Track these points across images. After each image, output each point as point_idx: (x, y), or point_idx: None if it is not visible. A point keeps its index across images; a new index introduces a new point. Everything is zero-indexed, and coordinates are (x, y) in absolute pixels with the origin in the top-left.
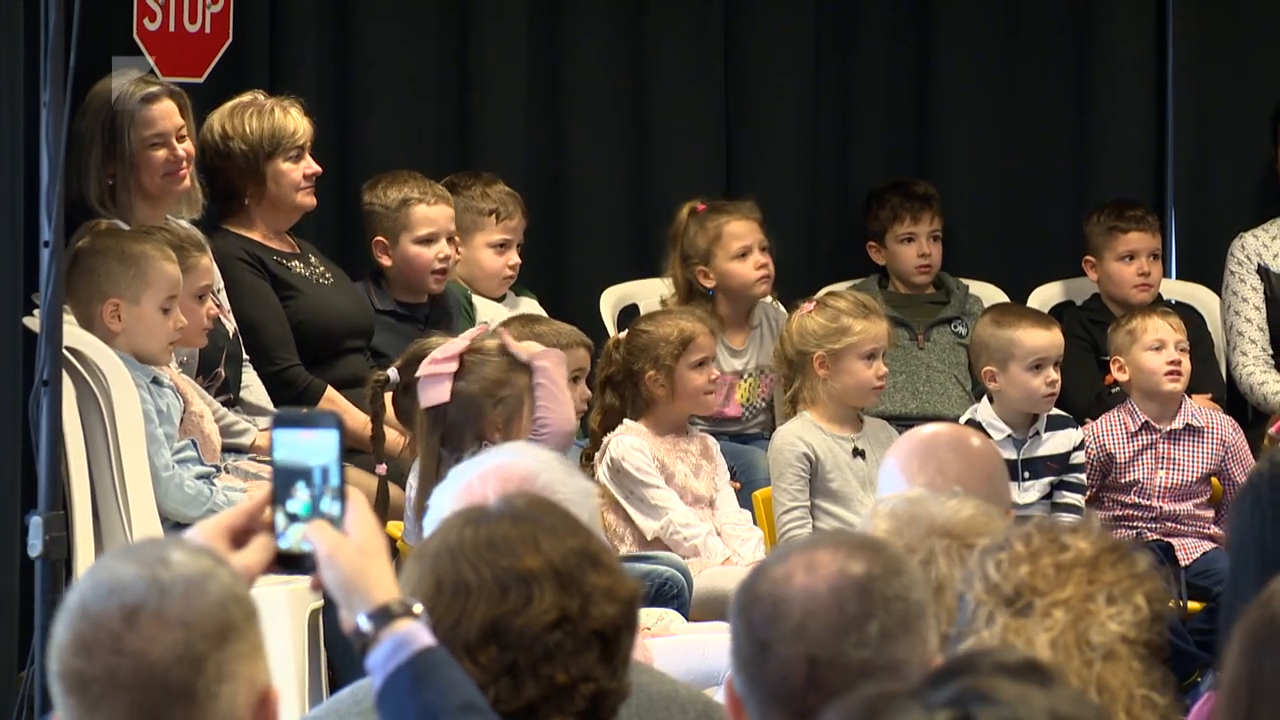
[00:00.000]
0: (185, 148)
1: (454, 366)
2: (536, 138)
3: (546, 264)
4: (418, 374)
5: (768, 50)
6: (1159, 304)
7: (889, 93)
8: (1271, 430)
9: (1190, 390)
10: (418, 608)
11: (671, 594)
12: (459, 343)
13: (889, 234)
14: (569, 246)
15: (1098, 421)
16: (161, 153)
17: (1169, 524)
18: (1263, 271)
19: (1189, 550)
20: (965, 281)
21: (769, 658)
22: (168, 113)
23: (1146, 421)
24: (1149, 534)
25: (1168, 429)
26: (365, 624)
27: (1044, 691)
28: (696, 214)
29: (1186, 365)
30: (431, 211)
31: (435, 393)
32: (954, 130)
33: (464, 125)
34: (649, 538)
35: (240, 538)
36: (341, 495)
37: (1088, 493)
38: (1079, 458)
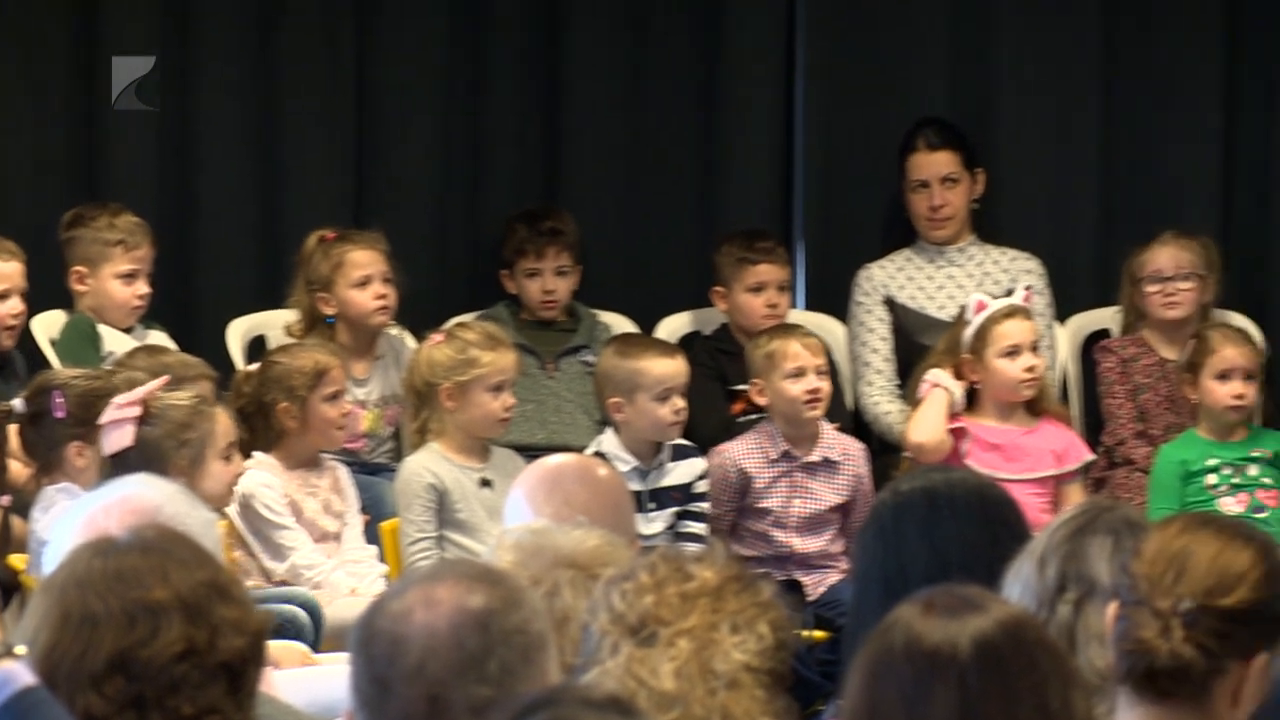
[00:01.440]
0: None
1: (137, 411)
2: (165, 168)
3: (174, 295)
4: (100, 420)
5: (398, 77)
6: (797, 326)
7: (519, 121)
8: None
9: None
10: (19, 648)
11: (290, 636)
12: (143, 388)
13: (517, 266)
14: (197, 278)
15: (737, 442)
16: None
17: (798, 570)
18: (889, 302)
19: (816, 584)
20: (595, 311)
21: (390, 697)
22: None
23: (786, 450)
24: (778, 575)
25: (805, 459)
26: None
27: None
28: (324, 242)
29: (826, 388)
30: (4, 268)
31: (118, 437)
32: (583, 159)
33: (91, 156)
34: (273, 579)
35: None
36: None
37: (727, 521)
38: (702, 487)
